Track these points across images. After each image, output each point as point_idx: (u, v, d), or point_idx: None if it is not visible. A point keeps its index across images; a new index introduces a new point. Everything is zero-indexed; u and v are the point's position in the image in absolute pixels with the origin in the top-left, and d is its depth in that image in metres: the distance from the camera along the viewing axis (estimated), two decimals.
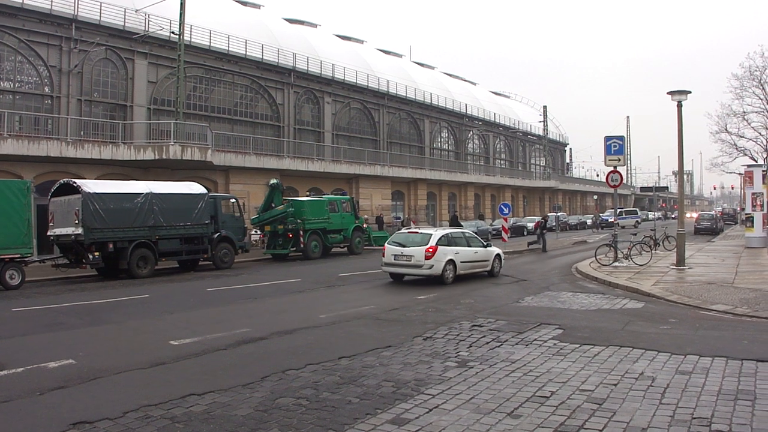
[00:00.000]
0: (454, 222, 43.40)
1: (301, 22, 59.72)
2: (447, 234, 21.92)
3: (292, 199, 35.22)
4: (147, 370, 9.41)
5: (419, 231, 22.79)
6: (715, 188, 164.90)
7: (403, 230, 25.67)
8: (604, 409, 7.23)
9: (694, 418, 6.89)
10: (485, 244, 23.73)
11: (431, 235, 21.30)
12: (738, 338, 11.24)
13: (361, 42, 67.25)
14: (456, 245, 21.64)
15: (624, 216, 70.19)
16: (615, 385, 8.24)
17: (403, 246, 21.26)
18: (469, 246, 22.35)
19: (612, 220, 60.23)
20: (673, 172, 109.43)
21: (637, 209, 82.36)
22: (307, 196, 41.16)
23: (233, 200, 30.88)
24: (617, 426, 6.64)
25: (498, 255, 23.65)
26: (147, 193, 25.40)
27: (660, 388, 8.05)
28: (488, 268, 23.04)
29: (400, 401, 7.60)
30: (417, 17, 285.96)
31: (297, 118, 50.02)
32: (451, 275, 20.86)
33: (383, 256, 21.76)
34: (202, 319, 14.17)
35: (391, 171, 55.77)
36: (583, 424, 6.73)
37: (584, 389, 8.04)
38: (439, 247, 20.66)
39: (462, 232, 23.55)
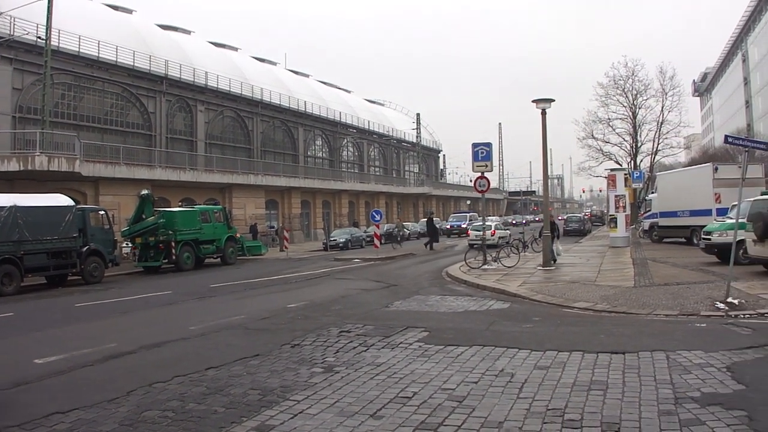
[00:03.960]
0: (430, 222, 44.84)
1: (175, 29, 59.00)
2: (496, 224, 48.59)
3: (163, 210, 34.89)
4: (9, 390, 9.13)
5: (486, 222, 41.92)
6: (584, 191, 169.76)
7: (477, 222, 45.84)
8: (464, 405, 7.46)
9: (549, 409, 7.22)
10: (504, 228, 50.14)
11: (492, 224, 44.96)
12: (596, 333, 11.81)
13: (236, 49, 66.95)
14: (500, 229, 45.74)
15: (455, 220, 69.99)
16: (476, 382, 8.48)
17: (479, 231, 35.12)
18: (502, 229, 47.05)
19: (464, 225, 61.45)
20: None
21: (471, 212, 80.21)
22: (180, 206, 40.71)
23: (102, 212, 30.39)
24: (476, 421, 6.89)
25: (510, 233, 46.70)
26: (11, 207, 24.66)
27: (518, 383, 8.34)
28: (507, 240, 40.73)
29: (266, 408, 7.67)
30: (293, 24, 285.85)
31: (169, 126, 49.41)
32: (500, 243, 38.43)
33: (468, 235, 43.44)
34: (69, 336, 13.94)
35: (264, 180, 55.68)
36: (443, 421, 6.94)
37: (446, 388, 8.24)
38: (496, 230, 43.88)
39: (501, 222, 51.37)
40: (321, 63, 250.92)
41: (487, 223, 40.05)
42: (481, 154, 26.56)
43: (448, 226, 64.04)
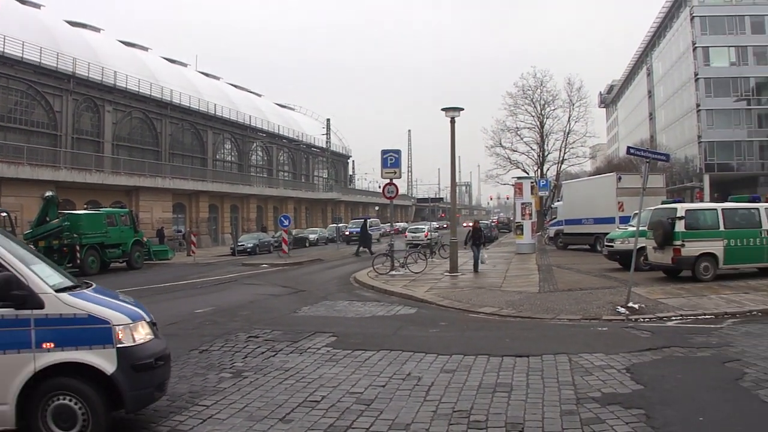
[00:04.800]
0: (364, 227, 44.47)
1: (84, 26, 57.65)
2: (428, 227, 56.45)
3: (68, 213, 34.09)
4: None
5: (420, 226, 58.42)
6: (491, 198, 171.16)
7: (412, 226, 60.32)
8: (372, 408, 7.66)
9: (455, 411, 7.43)
10: (436, 230, 58.39)
11: (425, 228, 54.51)
12: (501, 337, 12.13)
13: (146, 49, 65.97)
14: (432, 231, 54.16)
15: (354, 226, 66.04)
16: (383, 386, 8.65)
17: (415, 233, 51.86)
18: (434, 232, 54.04)
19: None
20: None
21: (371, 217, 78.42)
22: (85, 209, 39.83)
23: (4, 214, 29.59)
24: (383, 423, 7.09)
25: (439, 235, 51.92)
26: None
27: (425, 386, 8.54)
28: (437, 241, 43.42)
29: (175, 414, 7.66)
30: (205, 25, 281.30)
31: (76, 127, 48.36)
32: (431, 242, 44.20)
33: (406, 236, 52.25)
34: None
35: (172, 183, 55.04)
36: (351, 424, 7.14)
37: (354, 392, 8.40)
38: (429, 232, 51.98)
39: (430, 226, 59.40)
40: (233, 65, 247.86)
41: (421, 227, 57.25)
42: (390, 160, 26.94)
43: (347, 233, 62.29)
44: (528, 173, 55.42)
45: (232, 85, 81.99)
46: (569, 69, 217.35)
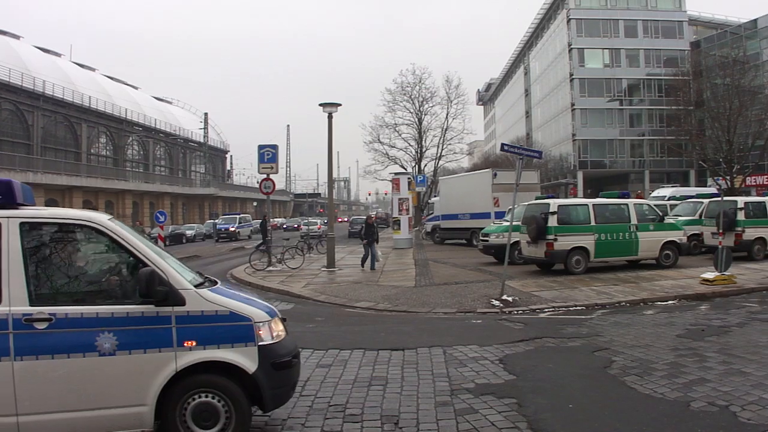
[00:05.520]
0: (263, 225, 43.31)
1: None
2: (321, 221, 56.83)
3: None
4: None
5: (315, 220, 56.45)
6: (370, 194, 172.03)
7: (304, 220, 58.81)
8: None
9: (331, 405, 7.50)
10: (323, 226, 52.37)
11: (318, 222, 55.38)
12: (377, 331, 12.27)
13: (18, 38, 63.68)
14: (324, 225, 49.28)
15: (224, 222, 63.39)
16: None
17: (309, 226, 46.53)
18: (325, 226, 46.58)
19: (232, 229, 60.13)
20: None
21: (241, 214, 73.25)
22: None
23: None
24: (259, 420, 7.02)
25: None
26: None
27: (301, 381, 8.27)
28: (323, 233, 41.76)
29: None
30: (81, 13, 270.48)
31: None
32: (323, 234, 37.88)
33: (301, 229, 51.32)
34: None
35: (44, 178, 53.19)
36: None
37: None
38: (321, 225, 52.33)
39: (322, 221, 56.70)
40: (110, 57, 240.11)
41: (315, 220, 57.52)
42: (267, 155, 26.56)
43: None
44: (406, 169, 56.00)
45: (108, 77, 79.87)
46: (449, 67, 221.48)
